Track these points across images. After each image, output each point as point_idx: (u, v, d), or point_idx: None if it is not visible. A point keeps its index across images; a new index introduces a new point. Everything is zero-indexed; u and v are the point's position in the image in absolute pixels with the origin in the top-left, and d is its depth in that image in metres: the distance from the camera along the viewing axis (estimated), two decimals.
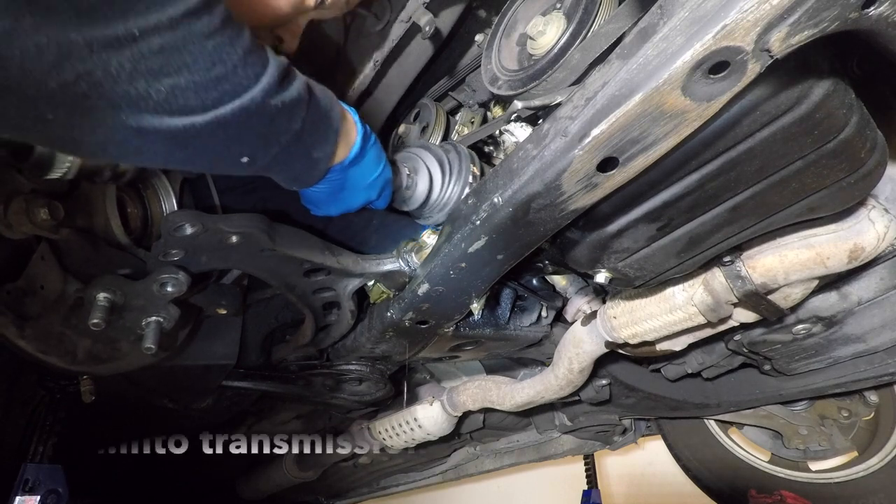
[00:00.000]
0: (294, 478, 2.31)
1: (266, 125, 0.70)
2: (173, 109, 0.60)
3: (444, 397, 1.78)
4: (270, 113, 0.69)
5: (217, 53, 0.60)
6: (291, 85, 0.72)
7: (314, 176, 0.86)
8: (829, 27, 0.55)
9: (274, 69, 0.68)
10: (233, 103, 0.64)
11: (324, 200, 0.95)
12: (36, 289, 1.12)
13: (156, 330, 1.11)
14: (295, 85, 0.73)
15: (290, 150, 0.77)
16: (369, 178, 0.94)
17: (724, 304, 1.01)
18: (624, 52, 0.70)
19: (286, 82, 0.71)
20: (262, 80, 0.66)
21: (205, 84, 0.60)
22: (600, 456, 2.71)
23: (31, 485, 1.51)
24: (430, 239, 1.10)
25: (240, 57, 0.63)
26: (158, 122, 0.60)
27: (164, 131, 0.61)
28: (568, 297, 1.44)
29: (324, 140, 0.82)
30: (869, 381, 1.31)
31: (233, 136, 0.68)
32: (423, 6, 1.06)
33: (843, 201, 0.83)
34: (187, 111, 0.61)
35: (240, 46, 0.63)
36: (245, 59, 0.64)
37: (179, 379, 1.54)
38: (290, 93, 0.71)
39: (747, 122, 0.70)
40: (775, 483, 1.74)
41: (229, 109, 0.64)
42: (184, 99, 0.60)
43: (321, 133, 0.81)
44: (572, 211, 0.82)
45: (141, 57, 0.55)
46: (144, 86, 0.57)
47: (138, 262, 1.15)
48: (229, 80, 0.63)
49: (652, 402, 1.67)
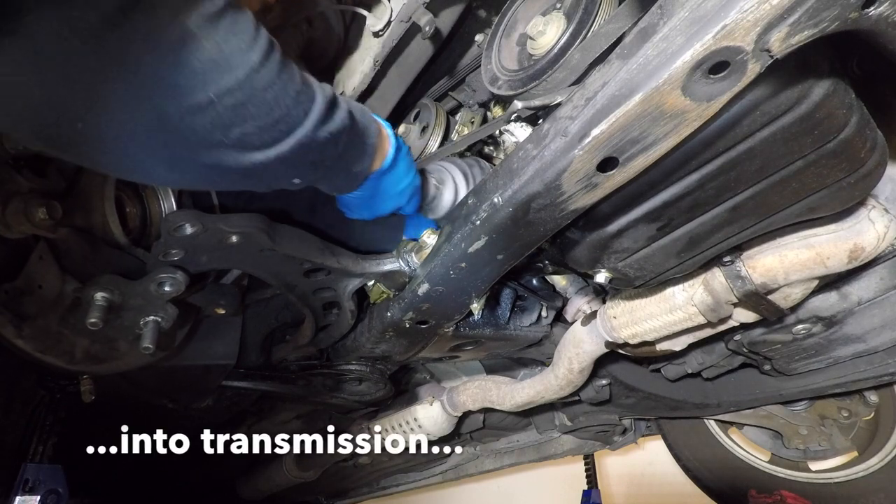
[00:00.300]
0: (294, 478, 2.31)
1: (317, 153, 0.80)
2: (243, 149, 0.71)
3: (444, 397, 1.78)
4: (320, 143, 0.79)
5: (275, 101, 0.70)
6: (336, 114, 0.81)
7: (353, 186, 0.95)
8: (829, 27, 0.55)
9: (321, 102, 0.77)
10: (289, 140, 0.74)
11: (357, 206, 1.03)
12: (34, 288, 1.12)
13: (154, 329, 1.11)
14: (339, 114, 0.81)
15: (334, 168, 0.87)
16: (400, 186, 1.01)
17: (724, 304, 1.01)
18: (624, 52, 0.70)
19: (331, 112, 0.79)
20: (311, 115, 0.75)
21: (267, 127, 0.71)
22: (600, 456, 2.71)
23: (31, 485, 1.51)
24: (430, 239, 1.09)
25: (292, 98, 0.72)
26: (230, 161, 0.71)
27: (235, 168, 0.72)
28: (568, 297, 1.44)
29: (362, 155, 0.91)
30: (869, 381, 1.31)
31: (290, 165, 0.78)
32: (423, 6, 1.06)
33: (843, 201, 0.83)
34: (253, 149, 0.72)
35: (292, 89, 0.72)
36: (297, 98, 0.73)
37: (179, 379, 1.54)
38: (335, 123, 0.80)
39: (747, 122, 0.70)
40: (775, 483, 1.74)
41: (287, 146, 0.74)
42: (250, 141, 0.70)
43: (360, 150, 0.90)
44: (572, 211, 0.82)
45: (217, 116, 0.65)
46: (220, 136, 0.68)
47: (137, 261, 1.14)
48: (285, 121, 0.72)
49: (652, 402, 1.67)
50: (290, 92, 0.72)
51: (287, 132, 0.73)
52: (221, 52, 0.63)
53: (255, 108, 0.68)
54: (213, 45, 0.62)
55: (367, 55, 1.25)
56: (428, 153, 1.29)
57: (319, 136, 0.78)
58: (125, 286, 1.08)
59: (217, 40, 0.62)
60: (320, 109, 0.76)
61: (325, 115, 0.77)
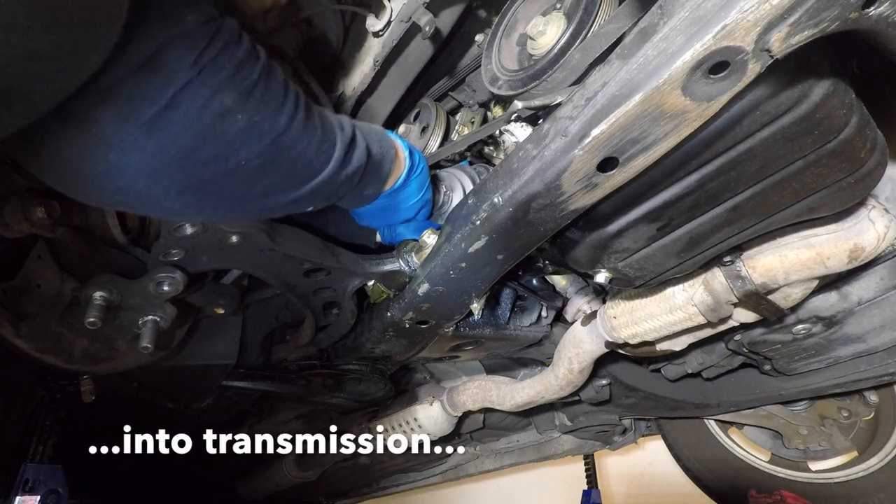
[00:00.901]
0: (294, 478, 2.31)
1: (333, 190, 0.87)
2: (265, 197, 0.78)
3: (444, 397, 1.78)
4: (338, 183, 0.85)
5: (298, 157, 0.76)
6: (354, 155, 0.86)
7: (365, 203, 1.02)
8: (829, 27, 0.55)
9: (340, 149, 0.82)
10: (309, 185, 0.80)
11: (369, 216, 1.09)
12: (32, 287, 1.12)
13: (152, 329, 1.11)
14: (357, 153, 0.87)
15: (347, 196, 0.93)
16: (412, 201, 1.07)
17: (724, 304, 1.01)
18: (624, 52, 0.70)
19: (350, 154, 0.85)
20: (332, 162, 0.81)
21: (289, 177, 0.78)
22: (600, 456, 2.71)
23: (31, 485, 1.51)
24: (430, 239, 1.09)
25: (315, 150, 0.78)
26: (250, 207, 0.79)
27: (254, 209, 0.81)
28: (568, 297, 1.44)
29: (376, 181, 0.97)
30: (869, 381, 1.31)
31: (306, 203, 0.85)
32: (423, 6, 1.06)
33: (844, 201, 0.83)
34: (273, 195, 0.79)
35: (315, 141, 0.78)
36: (319, 149, 0.79)
37: (180, 379, 1.54)
38: (353, 164, 0.86)
39: (747, 122, 0.70)
40: (775, 483, 1.74)
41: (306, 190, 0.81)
42: (272, 191, 0.78)
43: (374, 178, 0.96)
44: (572, 211, 0.81)
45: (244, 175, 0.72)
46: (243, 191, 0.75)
47: (136, 261, 1.14)
48: (307, 171, 0.79)
49: (652, 402, 1.67)
50: (313, 145, 0.77)
51: (308, 180, 0.80)
52: (252, 123, 0.68)
53: (279, 165, 0.74)
54: (246, 118, 0.67)
55: (367, 55, 1.25)
56: (428, 153, 1.29)
57: (338, 178, 0.84)
58: (124, 285, 1.07)
59: (249, 112, 0.68)
60: (339, 156, 0.82)
61: (343, 159, 0.83)
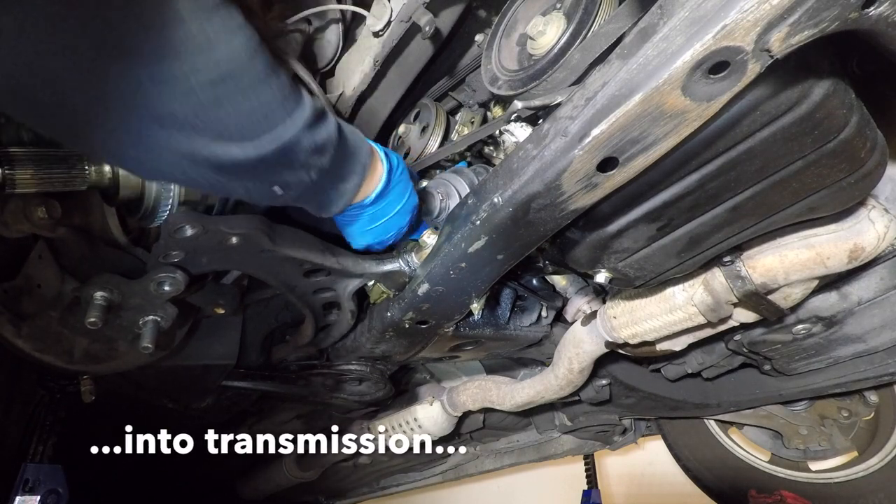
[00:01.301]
0: (294, 478, 2.31)
1: (300, 160, 0.79)
2: (218, 137, 0.69)
3: (444, 397, 1.78)
4: (304, 150, 0.78)
5: (256, 94, 0.69)
6: (323, 125, 0.80)
7: (339, 205, 0.94)
8: (829, 27, 0.55)
9: (308, 109, 0.76)
10: (269, 136, 0.72)
11: (358, 234, 1.05)
12: (33, 287, 1.12)
13: (153, 329, 1.11)
14: (326, 125, 0.81)
15: (318, 183, 0.85)
16: (395, 207, 1.02)
17: (724, 304, 1.01)
18: (624, 52, 0.70)
19: (318, 122, 0.79)
20: (295, 118, 0.75)
21: (245, 116, 0.70)
22: (600, 456, 2.71)
23: (31, 485, 1.51)
24: (430, 239, 1.09)
25: (278, 97, 0.72)
26: (204, 149, 0.69)
27: (209, 158, 0.71)
28: (568, 297, 1.44)
29: (350, 175, 0.91)
30: (869, 381, 1.31)
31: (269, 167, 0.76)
32: (423, 6, 1.06)
33: (844, 201, 0.83)
34: (229, 140, 0.70)
35: (277, 87, 0.72)
36: (283, 98, 0.73)
37: (179, 379, 1.54)
38: (321, 133, 0.79)
39: (747, 122, 0.70)
40: (775, 483, 1.74)
41: (267, 145, 0.72)
42: (226, 129, 0.69)
43: (350, 168, 0.90)
44: (572, 211, 0.81)
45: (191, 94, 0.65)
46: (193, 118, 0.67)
47: (136, 261, 1.14)
48: (267, 117, 0.72)
49: (652, 402, 1.67)
50: (274, 89, 0.72)
51: (267, 129, 0.72)
52: (204, 34, 0.64)
53: (234, 95, 0.67)
54: (198, 27, 0.63)
55: (367, 55, 1.25)
56: (428, 153, 1.29)
57: (304, 142, 0.77)
58: (124, 285, 1.08)
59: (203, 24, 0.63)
60: (306, 116, 0.76)
61: (311, 122, 0.77)
